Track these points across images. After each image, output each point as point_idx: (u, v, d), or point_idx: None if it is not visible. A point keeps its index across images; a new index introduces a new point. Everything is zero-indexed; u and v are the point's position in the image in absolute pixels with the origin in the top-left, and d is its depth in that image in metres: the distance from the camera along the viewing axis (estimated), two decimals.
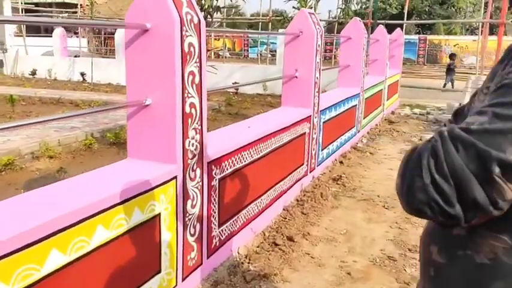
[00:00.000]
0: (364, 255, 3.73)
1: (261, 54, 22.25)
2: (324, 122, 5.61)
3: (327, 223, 4.31)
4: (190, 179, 2.79)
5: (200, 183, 2.90)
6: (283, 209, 4.51)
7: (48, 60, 17.72)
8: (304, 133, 4.94)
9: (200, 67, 2.80)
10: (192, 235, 2.87)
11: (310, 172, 5.28)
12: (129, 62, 2.69)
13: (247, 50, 33.87)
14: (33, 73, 16.80)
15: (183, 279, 2.82)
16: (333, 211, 4.61)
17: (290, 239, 3.87)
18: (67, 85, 14.97)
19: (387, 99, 10.26)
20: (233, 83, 11.59)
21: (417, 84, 17.45)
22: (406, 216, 4.50)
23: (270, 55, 21.62)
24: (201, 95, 2.83)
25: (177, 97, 2.60)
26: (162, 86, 2.61)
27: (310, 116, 5.06)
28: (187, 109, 2.70)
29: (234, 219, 3.47)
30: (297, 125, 4.67)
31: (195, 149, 2.82)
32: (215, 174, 3.10)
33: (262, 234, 3.95)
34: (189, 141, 2.74)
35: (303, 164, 5.02)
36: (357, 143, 7.44)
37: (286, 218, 4.31)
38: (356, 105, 7.23)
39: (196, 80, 2.77)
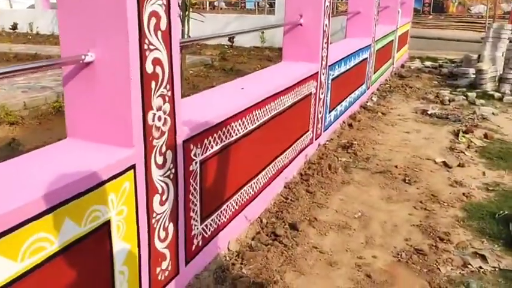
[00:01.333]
0: (385, 247, 3.00)
1: (258, 4, 20.92)
2: (332, 79, 4.76)
3: (338, 204, 3.56)
4: (157, 166, 2.00)
5: (172, 171, 2.11)
6: (285, 187, 3.74)
7: (30, 14, 16.52)
8: (310, 93, 4.10)
9: (168, 6, 1.94)
10: (162, 241, 2.10)
11: (316, 139, 4.49)
12: (63, 1, 1.83)
13: (244, 1, 32.25)
14: (14, 27, 15.64)
15: None
16: (343, 187, 3.85)
17: (293, 227, 3.12)
18: (48, 39, 13.89)
19: (397, 51, 9.32)
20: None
21: (425, 34, 16.34)
22: (433, 192, 3.75)
23: (268, 5, 20.32)
24: (171, 46, 1.99)
25: (131, 50, 1.76)
26: (108, 34, 1.77)
27: (318, 72, 4.21)
28: (148, 67, 1.86)
29: (222, 208, 2.70)
30: (302, 84, 3.83)
31: (164, 124, 2.00)
32: (195, 155, 2.31)
33: (258, 221, 3.20)
34: (154, 114, 1.93)
35: (307, 131, 4.22)
36: (367, 102, 6.60)
37: (288, 199, 3.56)
38: (367, 58, 6.33)
39: (163, 25, 1.92)
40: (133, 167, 1.85)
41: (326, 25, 4.22)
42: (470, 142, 4.99)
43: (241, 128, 2.80)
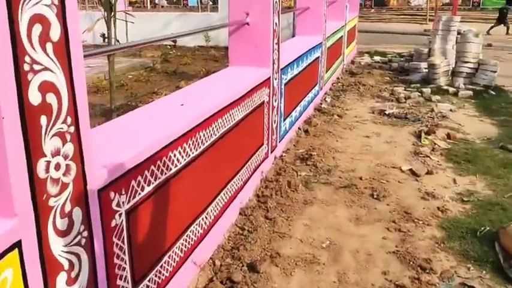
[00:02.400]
0: (361, 286, 2.54)
1: (201, 2, 20.23)
2: (285, 84, 4.27)
3: (302, 231, 3.07)
4: (59, 234, 1.41)
5: (84, 234, 1.52)
6: (240, 214, 3.22)
7: None
8: (263, 102, 3.59)
9: (62, 7, 1.35)
10: None
11: (271, 152, 3.99)
12: None
13: None
14: None
15: None
16: (306, 209, 3.37)
17: (253, 268, 2.60)
18: None
19: (347, 47, 9.01)
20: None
21: (370, 28, 16.32)
22: (405, 208, 3.35)
23: (211, 2, 19.68)
24: (69, 63, 1.40)
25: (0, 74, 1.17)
26: None
27: (270, 77, 3.70)
28: (33, 97, 1.27)
29: (163, 261, 2.13)
30: (253, 92, 3.31)
31: (65, 174, 1.41)
32: (118, 205, 1.72)
33: (211, 264, 2.65)
34: (47, 163, 1.33)
35: (262, 145, 3.70)
36: (321, 103, 6.19)
37: (244, 230, 3.03)
38: (319, 57, 5.91)
39: (54, 34, 1.33)
40: (17, 245, 1.25)
41: (276, 24, 3.72)
42: (434, 144, 4.67)
43: (183, 157, 2.24)
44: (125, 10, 6.57)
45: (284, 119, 4.38)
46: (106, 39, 12.17)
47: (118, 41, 4.36)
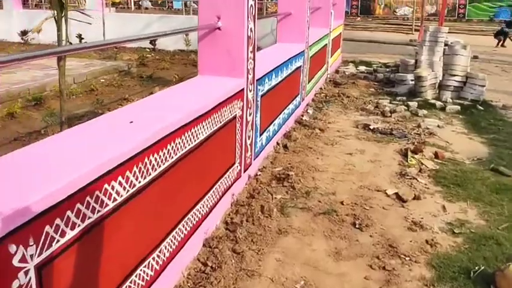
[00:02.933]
0: None
1: (186, 4, 19.80)
2: (262, 95, 3.89)
3: (274, 267, 2.68)
4: None
5: None
6: (204, 245, 2.82)
7: None
8: (235, 117, 3.20)
9: None
10: None
11: (244, 171, 3.60)
12: None
13: (172, 1, 30.89)
14: None
15: None
16: (280, 240, 2.98)
17: None
18: None
19: (331, 56, 8.69)
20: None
21: (356, 37, 16.09)
22: (390, 241, 2.98)
23: (194, 4, 19.24)
24: None
25: None
26: None
27: (243, 89, 3.31)
28: None
29: None
30: (223, 106, 2.92)
31: None
32: (23, 260, 1.31)
33: None
34: None
35: (233, 164, 3.31)
36: (302, 116, 5.82)
37: (207, 266, 2.62)
38: (301, 66, 5.55)
39: None
40: None
41: (251, 29, 3.34)
42: (421, 164, 4.33)
43: (125, 188, 1.83)
44: (79, 9, 6.10)
45: (260, 134, 3.99)
46: (82, 40, 11.67)
47: (70, 43, 3.93)
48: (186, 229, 2.53)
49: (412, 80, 7.43)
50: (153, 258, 2.16)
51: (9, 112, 5.19)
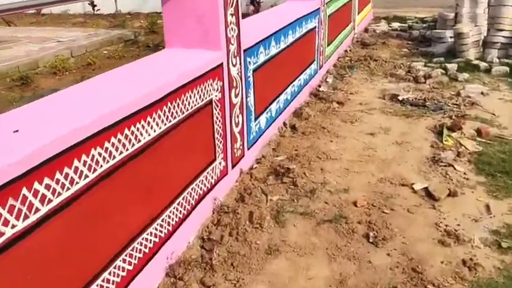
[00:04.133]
0: None
1: None
2: (255, 69, 3.14)
3: None
4: None
5: None
6: (168, 274, 2.18)
7: None
8: (210, 101, 2.49)
9: None
10: None
11: (233, 166, 2.91)
12: None
13: None
14: None
15: None
16: (268, 263, 2.30)
17: None
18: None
19: (358, 13, 7.70)
20: None
21: None
22: (414, 263, 2.25)
23: None
24: None
25: None
26: None
27: (221, 65, 2.58)
28: None
29: None
30: (186, 90, 2.21)
31: None
32: None
33: None
34: None
35: (214, 160, 2.62)
36: (319, 86, 5.01)
37: None
38: (315, 27, 4.70)
39: None
40: None
41: None
42: (459, 145, 3.50)
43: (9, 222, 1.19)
44: None
45: (257, 117, 3.27)
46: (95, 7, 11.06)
47: None
48: (137, 254, 1.90)
49: (451, 38, 6.40)
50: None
51: None
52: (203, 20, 2.50)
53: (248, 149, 3.15)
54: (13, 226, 1.30)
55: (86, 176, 1.57)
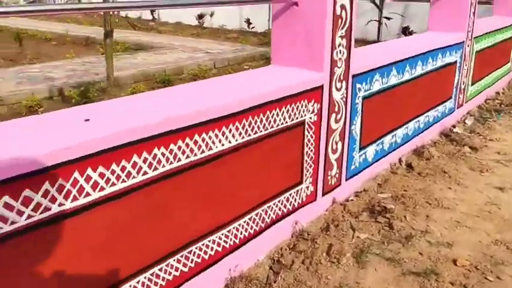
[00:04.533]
0: None
1: None
2: (366, 97, 2.96)
3: None
4: None
5: None
6: (227, 286, 2.13)
7: None
8: (303, 123, 2.41)
9: None
10: None
11: (324, 194, 2.76)
12: None
13: None
14: None
15: None
16: None
17: None
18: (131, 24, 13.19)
19: None
20: None
21: None
22: None
23: None
24: None
25: None
26: None
27: (322, 87, 2.48)
28: None
29: None
30: (273, 107, 2.17)
31: None
32: None
33: None
34: None
35: (299, 183, 2.52)
36: (454, 126, 4.54)
37: None
38: (455, 62, 4.28)
39: None
40: None
41: (343, 6, 2.46)
42: None
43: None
44: None
45: (362, 148, 3.06)
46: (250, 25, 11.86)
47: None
48: (194, 258, 1.90)
49: None
50: None
51: (132, 92, 5.21)
52: (309, 40, 2.45)
53: (347, 179, 2.96)
54: (60, 204, 1.38)
55: (145, 173, 1.62)
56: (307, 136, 2.48)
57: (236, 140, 1.99)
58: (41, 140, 1.41)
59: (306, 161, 2.53)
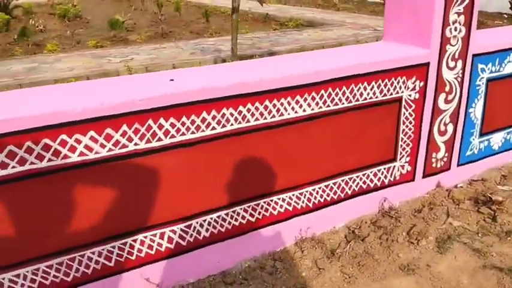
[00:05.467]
0: None
1: None
2: (492, 80, 2.71)
3: None
4: None
5: None
6: (296, 244, 2.33)
7: None
8: (399, 99, 2.39)
9: None
10: None
11: (425, 176, 2.68)
12: None
13: None
14: None
15: None
16: (393, 278, 2.12)
17: None
18: (316, 2, 13.46)
19: None
20: None
21: None
22: None
23: None
24: None
25: None
26: None
27: (427, 64, 2.41)
28: None
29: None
30: (364, 80, 2.23)
31: None
32: None
33: None
34: None
35: (392, 160, 2.52)
36: None
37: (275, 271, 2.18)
38: None
39: None
40: None
41: None
42: None
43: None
44: None
45: (483, 134, 2.83)
46: None
47: None
48: (261, 211, 2.16)
49: None
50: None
51: None
52: (418, 16, 2.38)
53: (459, 165, 2.79)
54: (136, 144, 1.77)
55: (214, 128, 1.91)
56: (404, 114, 2.45)
57: (312, 109, 2.13)
58: (128, 90, 1.81)
59: (402, 139, 2.50)
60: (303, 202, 2.28)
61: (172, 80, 1.94)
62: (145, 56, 6.49)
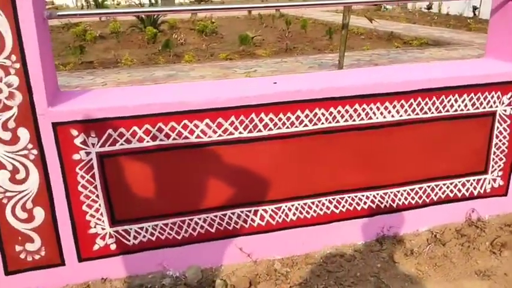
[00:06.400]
0: None
1: None
2: None
3: None
4: (2, 142, 1.92)
5: (34, 153, 1.96)
6: (377, 240, 2.53)
7: None
8: (493, 113, 2.47)
9: None
10: None
11: None
12: None
13: None
14: (429, 7, 15.74)
15: None
16: (465, 280, 2.21)
17: None
18: (448, 21, 13.07)
19: None
20: None
21: None
22: None
23: None
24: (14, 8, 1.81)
25: None
26: None
27: None
28: None
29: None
30: (454, 93, 2.37)
31: (9, 98, 1.89)
32: (84, 144, 2.02)
33: None
34: None
35: (481, 172, 2.58)
36: None
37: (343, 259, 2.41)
38: None
39: None
40: None
41: None
42: None
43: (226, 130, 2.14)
44: None
45: None
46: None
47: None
48: (345, 204, 2.42)
49: None
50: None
51: None
52: None
53: None
54: (240, 132, 2.17)
55: (306, 125, 2.23)
56: (498, 128, 2.51)
57: (400, 116, 2.34)
58: (239, 89, 2.22)
59: (495, 152, 2.56)
60: (386, 202, 2.48)
61: (275, 83, 2.31)
62: (267, 69, 7.06)
